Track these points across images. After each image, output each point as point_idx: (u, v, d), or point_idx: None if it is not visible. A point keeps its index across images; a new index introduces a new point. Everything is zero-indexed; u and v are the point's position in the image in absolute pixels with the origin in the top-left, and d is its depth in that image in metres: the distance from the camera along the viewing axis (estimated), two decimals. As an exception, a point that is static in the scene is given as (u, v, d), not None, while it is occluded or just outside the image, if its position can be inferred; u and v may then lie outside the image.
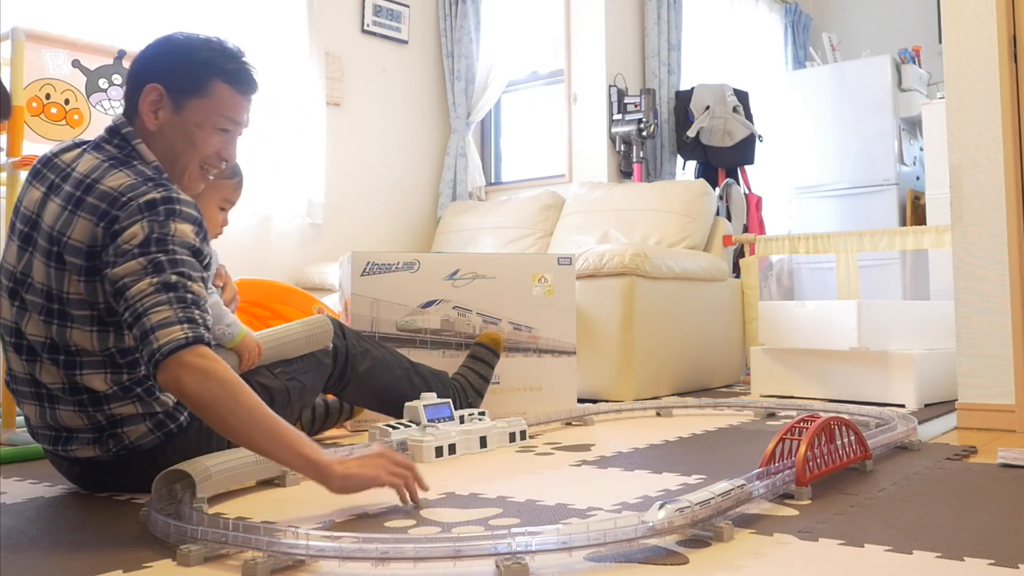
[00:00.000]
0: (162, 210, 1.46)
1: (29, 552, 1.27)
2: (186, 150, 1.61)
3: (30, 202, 1.58)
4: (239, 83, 1.64)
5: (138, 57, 1.65)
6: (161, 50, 1.63)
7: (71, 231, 1.49)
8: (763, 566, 1.13)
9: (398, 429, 2.02)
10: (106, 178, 1.51)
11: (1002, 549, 1.19)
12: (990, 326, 2.39)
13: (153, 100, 1.59)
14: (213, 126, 1.62)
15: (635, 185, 4.13)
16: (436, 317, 2.61)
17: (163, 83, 1.59)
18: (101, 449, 1.59)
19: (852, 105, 5.32)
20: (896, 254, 4.76)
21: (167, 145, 1.61)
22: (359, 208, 4.48)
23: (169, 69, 1.60)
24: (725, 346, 3.78)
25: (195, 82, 1.60)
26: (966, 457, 1.93)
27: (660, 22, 4.80)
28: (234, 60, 1.64)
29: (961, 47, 2.46)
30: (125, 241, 1.43)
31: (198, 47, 1.62)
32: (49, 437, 1.63)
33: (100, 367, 1.55)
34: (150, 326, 1.37)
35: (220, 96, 1.61)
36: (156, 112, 1.59)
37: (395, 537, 1.14)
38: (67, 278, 1.50)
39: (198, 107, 1.60)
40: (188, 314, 1.40)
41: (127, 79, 1.65)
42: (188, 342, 1.37)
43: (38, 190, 1.58)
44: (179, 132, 1.60)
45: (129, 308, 1.40)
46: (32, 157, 2.41)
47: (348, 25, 4.45)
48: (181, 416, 1.65)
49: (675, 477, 1.74)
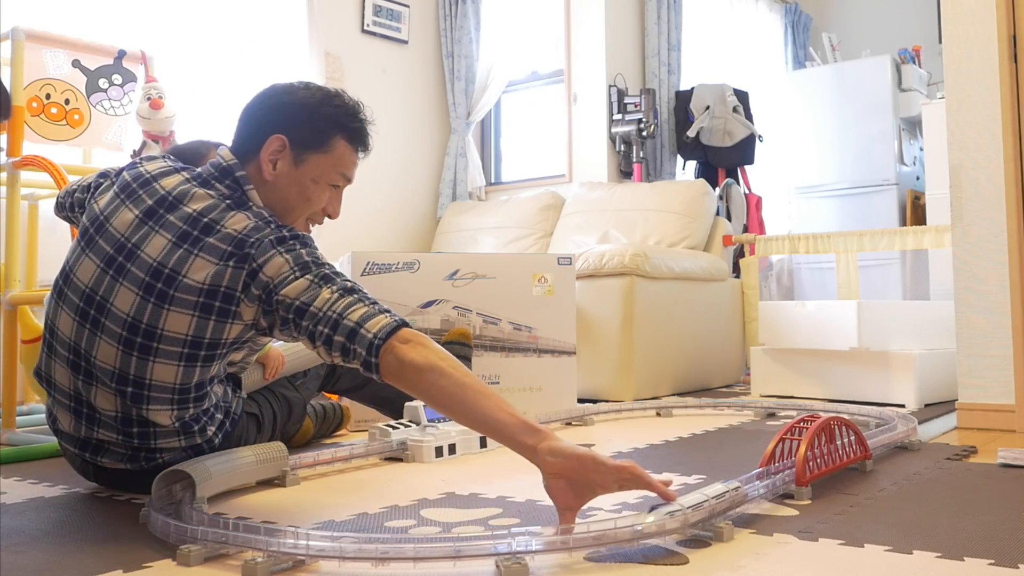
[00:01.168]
0: (294, 241, 1.46)
1: (29, 552, 1.27)
2: (299, 204, 1.58)
3: (121, 223, 1.52)
4: (358, 141, 1.62)
5: (259, 103, 1.60)
6: (290, 100, 1.58)
7: (187, 270, 1.44)
8: (763, 566, 1.13)
9: (398, 429, 2.02)
10: (226, 220, 1.47)
11: (1002, 549, 1.19)
12: (990, 326, 2.39)
13: (275, 150, 1.55)
14: (328, 182, 1.59)
15: (635, 185, 4.13)
16: (436, 317, 2.61)
17: (287, 135, 1.55)
18: (132, 464, 1.58)
19: (852, 105, 5.32)
20: (896, 254, 4.76)
21: (279, 196, 1.57)
22: (359, 208, 4.48)
23: (294, 121, 1.56)
24: (725, 346, 3.78)
25: (318, 137, 1.56)
26: (966, 457, 1.93)
27: (660, 22, 4.80)
28: (356, 119, 1.61)
29: (961, 47, 2.46)
30: (276, 273, 1.41)
31: (323, 101, 1.58)
32: (75, 441, 1.60)
33: (169, 403, 1.51)
34: (355, 322, 1.36)
35: (340, 153, 1.59)
36: (275, 163, 1.55)
37: (395, 537, 1.14)
38: (166, 314, 1.45)
39: (318, 162, 1.57)
40: (381, 307, 1.41)
41: (245, 122, 1.60)
42: (398, 324, 1.38)
43: (131, 212, 1.52)
44: (294, 185, 1.57)
45: (321, 320, 1.37)
46: (32, 157, 2.41)
47: (348, 25, 4.45)
48: (216, 440, 1.65)
49: (675, 477, 1.74)
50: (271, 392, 1.87)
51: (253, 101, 1.61)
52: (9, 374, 2.41)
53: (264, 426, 1.82)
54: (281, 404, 1.88)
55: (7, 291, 2.41)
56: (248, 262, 1.43)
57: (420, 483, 1.73)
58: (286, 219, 1.59)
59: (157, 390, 1.49)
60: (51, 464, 2.02)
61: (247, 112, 1.61)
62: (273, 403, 1.86)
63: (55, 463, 2.02)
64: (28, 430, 2.43)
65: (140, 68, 2.78)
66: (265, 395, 1.85)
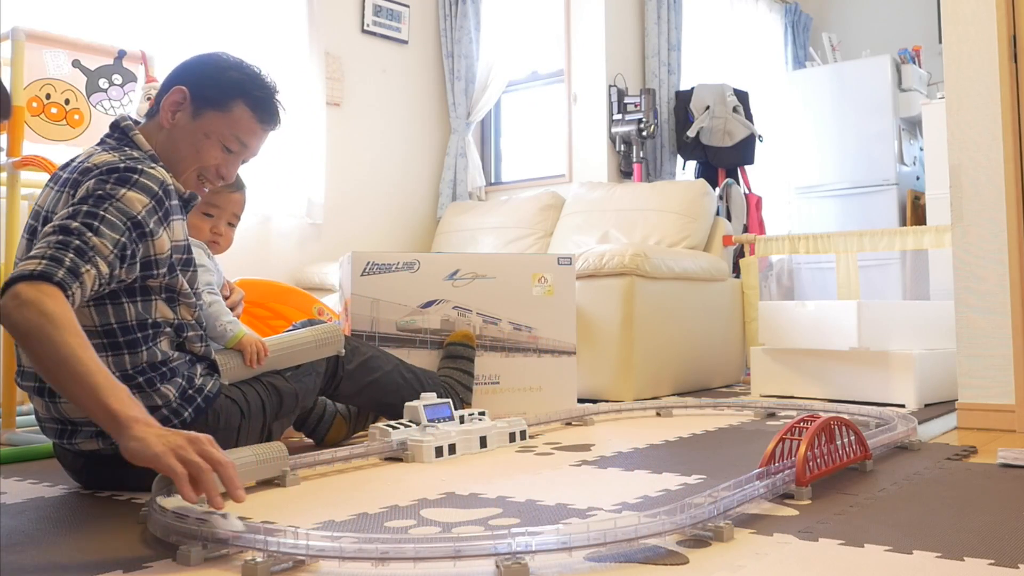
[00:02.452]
0: (117, 176, 1.52)
1: (29, 552, 1.27)
2: (188, 155, 1.69)
3: (43, 199, 1.64)
4: (260, 111, 1.72)
5: (180, 63, 1.74)
6: (201, 61, 1.73)
7: (55, 209, 1.56)
8: (763, 566, 1.13)
9: (398, 429, 2.02)
10: (93, 158, 1.59)
11: (1002, 549, 1.19)
12: (990, 326, 2.39)
13: (175, 100, 1.67)
14: (221, 141, 1.69)
15: (635, 185, 4.13)
16: (436, 317, 2.61)
17: (190, 88, 1.67)
18: (104, 442, 1.60)
19: (852, 105, 5.32)
20: (896, 254, 4.76)
21: (173, 145, 1.68)
22: (359, 208, 4.48)
23: (200, 77, 1.69)
24: (725, 346, 3.78)
25: (220, 96, 1.68)
26: (966, 457, 1.93)
27: (660, 22, 4.80)
28: (263, 89, 1.73)
29: (961, 47, 2.46)
30: (72, 197, 1.51)
31: (233, 67, 1.72)
32: (55, 430, 1.65)
33: (101, 350, 1.54)
34: (19, 260, 1.42)
35: (238, 117, 1.70)
36: (174, 113, 1.68)
37: (395, 537, 1.14)
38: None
39: (214, 119, 1.68)
40: (58, 254, 1.38)
41: (164, 81, 1.72)
42: (33, 275, 1.33)
43: (49, 188, 1.65)
44: (188, 137, 1.68)
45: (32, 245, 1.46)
46: (33, 157, 2.41)
47: (348, 25, 4.45)
48: (185, 412, 1.66)
49: (675, 477, 1.74)
50: (258, 381, 1.87)
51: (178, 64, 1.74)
52: (9, 374, 2.41)
53: (250, 414, 1.81)
54: (270, 393, 1.87)
55: (7, 291, 2.41)
56: (77, 187, 1.53)
57: (420, 483, 1.73)
58: (176, 168, 1.69)
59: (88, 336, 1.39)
60: (51, 464, 2.02)
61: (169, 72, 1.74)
62: (260, 391, 1.85)
63: (55, 463, 2.02)
64: (28, 430, 2.43)
65: (140, 68, 2.78)
66: (251, 383, 1.86)
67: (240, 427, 1.80)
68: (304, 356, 1.98)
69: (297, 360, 1.97)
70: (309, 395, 2.01)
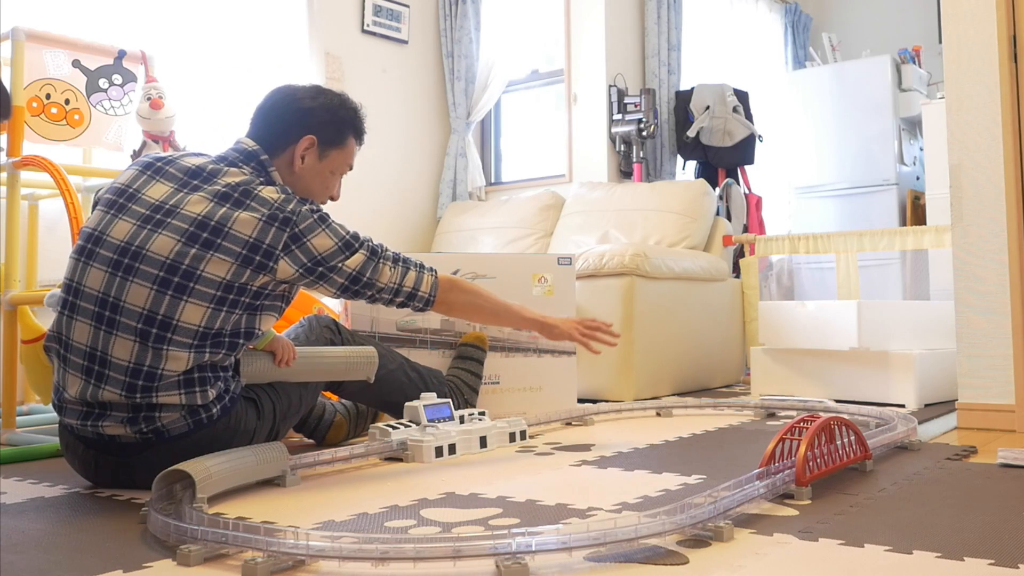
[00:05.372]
0: (324, 216, 1.76)
1: (29, 552, 1.27)
2: (319, 191, 1.89)
3: (155, 192, 1.71)
4: (361, 137, 1.96)
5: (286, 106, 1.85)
6: (311, 106, 1.86)
7: (232, 224, 1.66)
8: (763, 566, 1.13)
9: (398, 429, 2.02)
10: (261, 189, 1.72)
11: (1002, 549, 1.19)
12: (990, 326, 2.39)
13: (305, 148, 1.84)
14: (340, 173, 1.92)
15: (635, 185, 4.13)
16: (436, 317, 2.61)
17: (316, 135, 1.84)
18: (132, 428, 1.64)
19: (852, 105, 5.32)
20: (896, 254, 4.76)
21: (304, 185, 1.85)
22: (359, 208, 4.47)
23: (322, 123, 1.85)
24: (725, 346, 3.78)
25: (339, 137, 1.88)
26: (966, 457, 1.93)
27: (660, 22, 4.80)
28: (361, 119, 1.95)
29: (961, 47, 2.46)
30: (324, 247, 1.73)
31: (340, 106, 1.90)
32: (79, 412, 1.67)
33: (189, 347, 1.64)
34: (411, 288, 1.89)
35: (350, 148, 1.92)
36: (304, 158, 1.84)
37: (395, 537, 1.14)
38: (208, 258, 1.64)
39: (336, 157, 1.89)
40: (417, 265, 1.93)
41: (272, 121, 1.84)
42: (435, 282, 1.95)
43: (164, 184, 1.72)
44: (318, 176, 1.87)
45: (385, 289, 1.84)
46: (32, 157, 2.41)
47: (348, 25, 4.45)
48: (214, 409, 1.70)
49: (675, 477, 1.74)
50: (270, 386, 1.89)
51: (276, 102, 1.86)
52: (9, 374, 2.41)
53: (264, 414, 1.84)
54: (280, 397, 1.90)
55: (7, 291, 2.41)
56: (290, 226, 1.69)
57: (420, 483, 1.73)
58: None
59: (182, 332, 1.63)
60: (51, 464, 2.02)
61: (271, 112, 1.85)
62: (271, 394, 1.88)
63: (55, 463, 2.03)
64: (28, 430, 2.43)
65: (140, 68, 2.78)
66: (264, 387, 1.87)
67: (256, 428, 1.81)
68: (329, 374, 2.01)
69: (320, 376, 1.99)
70: (315, 397, 2.03)
